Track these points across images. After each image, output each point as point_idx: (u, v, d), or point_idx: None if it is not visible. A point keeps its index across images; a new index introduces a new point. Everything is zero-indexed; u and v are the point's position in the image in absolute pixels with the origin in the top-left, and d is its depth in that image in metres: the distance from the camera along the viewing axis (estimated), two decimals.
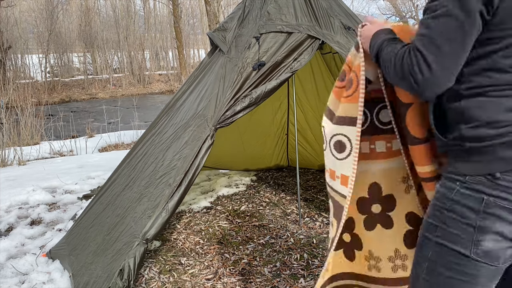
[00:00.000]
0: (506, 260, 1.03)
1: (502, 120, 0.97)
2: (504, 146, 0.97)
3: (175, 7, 17.60)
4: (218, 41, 2.67)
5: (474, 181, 1.02)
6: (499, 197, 0.99)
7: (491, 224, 1.01)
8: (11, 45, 16.76)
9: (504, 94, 0.97)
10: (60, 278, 2.40)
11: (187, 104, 2.59)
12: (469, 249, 1.03)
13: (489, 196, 1.00)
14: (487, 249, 1.02)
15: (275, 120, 4.21)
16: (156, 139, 2.57)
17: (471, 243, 1.03)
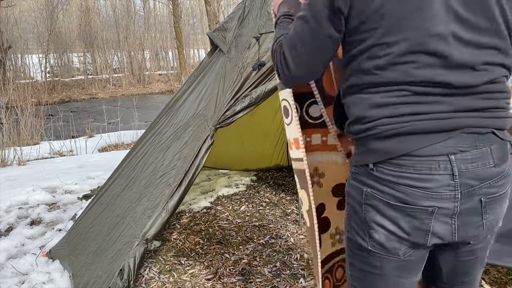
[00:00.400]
0: (407, 253, 1.04)
1: (369, 115, 1.02)
2: (373, 139, 1.02)
3: (175, 7, 17.61)
4: (218, 41, 2.66)
5: (358, 172, 1.07)
6: (375, 188, 1.02)
7: (373, 217, 1.03)
8: (11, 45, 16.76)
9: (369, 91, 1.02)
10: (60, 278, 2.40)
11: (187, 104, 2.59)
12: (366, 242, 1.06)
13: (367, 187, 1.03)
14: (380, 242, 1.04)
15: (275, 120, 4.21)
16: (156, 139, 2.57)
17: (366, 236, 1.06)
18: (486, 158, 0.99)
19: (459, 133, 0.97)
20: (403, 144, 0.98)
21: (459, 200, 0.98)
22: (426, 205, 0.98)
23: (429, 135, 0.97)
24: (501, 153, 1.02)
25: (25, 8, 20.22)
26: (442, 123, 0.97)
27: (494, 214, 1.05)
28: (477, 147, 0.98)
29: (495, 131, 1.01)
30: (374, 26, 0.97)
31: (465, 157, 0.97)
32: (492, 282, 2.25)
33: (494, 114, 1.01)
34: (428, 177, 0.97)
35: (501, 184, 1.02)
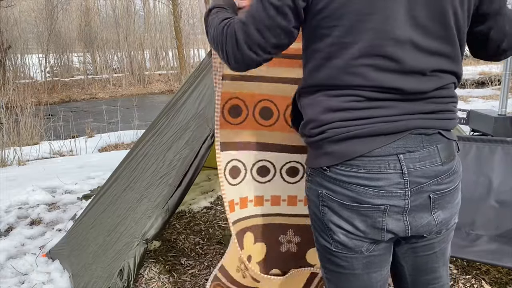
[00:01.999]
0: (370, 249, 1.07)
1: (323, 119, 1.03)
2: (327, 142, 1.03)
3: (175, 7, 17.61)
4: None
5: (313, 173, 1.09)
6: (330, 189, 1.04)
7: (330, 218, 1.06)
8: (11, 45, 16.75)
9: (325, 94, 1.03)
10: (60, 278, 2.40)
11: (187, 104, 2.59)
12: (330, 243, 1.09)
13: (323, 188, 1.06)
14: (342, 242, 1.06)
15: None
16: (157, 140, 2.57)
17: (329, 238, 1.09)
18: (433, 156, 1.04)
19: (407, 134, 1.01)
20: (357, 146, 1.01)
21: (409, 198, 1.02)
22: (378, 203, 1.01)
23: (379, 137, 1.01)
24: (448, 152, 1.07)
25: (25, 8, 20.20)
26: (392, 126, 1.00)
27: (444, 209, 1.08)
28: (424, 147, 1.03)
29: (441, 131, 1.05)
30: (334, 23, 0.97)
31: (413, 156, 1.01)
32: (492, 282, 2.25)
33: (441, 116, 1.06)
34: (379, 176, 1.00)
35: (450, 181, 1.07)
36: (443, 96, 1.05)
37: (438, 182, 1.04)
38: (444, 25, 0.99)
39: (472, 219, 2.19)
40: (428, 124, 1.03)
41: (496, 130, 3.93)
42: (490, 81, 13.56)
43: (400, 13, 0.95)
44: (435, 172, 1.04)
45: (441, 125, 1.06)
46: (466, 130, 3.96)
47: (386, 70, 0.98)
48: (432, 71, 1.01)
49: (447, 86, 1.06)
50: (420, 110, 1.02)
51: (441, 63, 1.02)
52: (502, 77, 4.18)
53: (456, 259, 2.43)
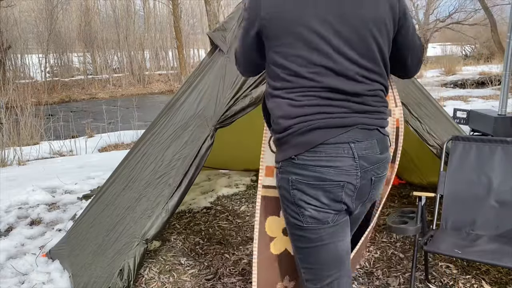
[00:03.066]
0: (334, 219, 1.32)
1: (288, 116, 1.29)
2: (294, 136, 1.28)
3: (175, 7, 17.60)
4: (218, 41, 2.66)
5: (283, 165, 1.32)
6: (298, 174, 1.28)
7: (301, 197, 1.30)
8: (11, 45, 16.74)
9: (287, 95, 1.29)
10: (60, 278, 2.40)
11: (186, 104, 2.59)
12: (301, 221, 1.32)
13: (292, 175, 1.29)
14: (312, 215, 1.30)
15: None
16: (155, 139, 2.57)
17: (300, 216, 1.32)
18: (374, 147, 1.32)
19: (355, 128, 1.28)
20: (317, 136, 1.26)
21: (360, 177, 1.29)
22: (339, 179, 1.27)
23: (334, 129, 1.27)
24: (383, 145, 1.36)
25: (25, 8, 20.19)
26: (344, 121, 1.28)
27: (376, 190, 1.38)
28: (367, 139, 1.30)
29: (379, 128, 1.34)
30: (283, 41, 1.28)
31: (360, 145, 1.29)
32: (492, 282, 2.25)
33: (378, 116, 1.34)
34: (337, 159, 1.26)
35: (384, 168, 1.37)
36: (377, 100, 1.34)
37: (377, 167, 1.33)
38: (367, 48, 1.28)
39: (472, 219, 2.19)
40: (370, 122, 1.32)
41: (496, 130, 3.93)
42: (490, 81, 13.55)
43: (327, 38, 1.26)
44: (376, 159, 1.32)
45: (379, 123, 1.35)
46: (466, 130, 3.96)
47: (328, 75, 1.26)
48: (361, 77, 1.28)
49: (377, 92, 1.34)
50: (361, 109, 1.30)
51: (368, 73, 1.29)
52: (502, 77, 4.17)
53: (456, 259, 2.43)
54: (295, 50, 1.26)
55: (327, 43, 1.25)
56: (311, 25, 1.25)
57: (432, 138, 2.47)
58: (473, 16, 23.47)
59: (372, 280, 2.30)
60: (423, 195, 2.12)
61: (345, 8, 1.26)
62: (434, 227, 2.24)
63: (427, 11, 24.85)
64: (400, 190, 3.62)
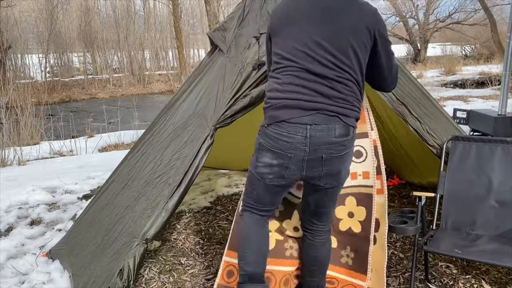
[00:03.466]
0: (272, 180, 1.77)
1: (268, 94, 1.76)
2: (270, 109, 1.72)
3: (175, 7, 17.60)
4: (218, 41, 2.66)
5: (260, 130, 1.78)
6: (265, 140, 1.74)
7: (261, 157, 1.77)
8: (11, 45, 16.74)
9: (274, 75, 1.76)
10: (60, 278, 2.40)
11: (186, 103, 2.59)
12: (254, 173, 1.81)
13: (262, 139, 1.76)
14: (260, 172, 1.78)
15: None
16: (155, 139, 2.57)
17: (254, 169, 1.81)
18: (330, 131, 1.66)
19: (316, 113, 1.65)
20: (284, 114, 1.67)
21: (308, 153, 1.68)
22: (289, 152, 1.68)
23: (298, 110, 1.65)
24: (342, 131, 1.68)
25: (25, 8, 20.18)
26: (308, 105, 1.65)
27: (331, 166, 1.71)
28: (326, 124, 1.65)
29: (339, 116, 1.66)
30: (274, 40, 1.77)
31: (316, 128, 1.65)
32: (492, 282, 2.25)
33: (342, 104, 1.67)
34: (292, 135, 1.66)
35: (337, 150, 1.68)
36: (345, 88, 1.67)
37: (329, 147, 1.67)
38: (342, 45, 1.65)
39: (472, 219, 2.19)
40: (332, 109, 1.65)
41: (496, 130, 3.92)
42: (490, 81, 13.55)
43: (310, 41, 1.68)
44: (328, 141, 1.66)
45: (341, 111, 1.66)
46: (466, 130, 3.96)
47: (300, 70, 1.68)
48: (333, 64, 1.64)
49: (346, 82, 1.66)
50: (331, 95, 1.65)
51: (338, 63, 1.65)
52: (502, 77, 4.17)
53: (456, 259, 2.43)
54: (286, 42, 1.71)
55: (311, 38, 1.66)
56: (302, 26, 1.68)
57: (432, 138, 2.47)
58: (473, 16, 23.50)
59: None
60: (423, 195, 2.12)
61: (331, 17, 1.66)
62: (434, 227, 2.24)
63: (427, 11, 24.86)
64: (400, 190, 3.62)
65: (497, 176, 2.21)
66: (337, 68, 1.64)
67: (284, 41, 1.71)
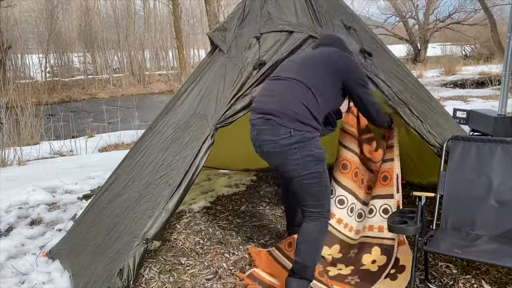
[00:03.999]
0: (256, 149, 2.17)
1: None
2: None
3: (175, 7, 17.60)
4: (218, 41, 2.66)
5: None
6: (251, 130, 2.18)
7: (252, 141, 2.18)
8: (11, 45, 16.74)
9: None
10: (60, 278, 2.40)
11: (186, 104, 2.59)
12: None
13: (251, 130, 2.18)
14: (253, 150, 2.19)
15: None
16: (155, 139, 2.57)
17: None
18: (266, 131, 2.05)
19: (261, 117, 2.07)
20: (251, 115, 2.16)
21: (258, 148, 2.12)
22: (252, 142, 2.15)
23: (254, 114, 2.13)
24: (276, 131, 2.02)
25: (25, 8, 20.18)
26: (260, 109, 2.10)
27: (274, 161, 2.12)
28: (264, 124, 2.06)
29: (273, 118, 2.02)
30: None
31: (258, 127, 2.09)
32: (492, 282, 2.25)
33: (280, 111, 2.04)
34: (251, 131, 2.15)
35: (274, 146, 2.04)
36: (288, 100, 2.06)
37: (265, 144, 2.06)
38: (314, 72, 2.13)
39: (472, 219, 2.19)
40: (270, 113, 2.05)
41: (495, 130, 3.92)
42: (490, 81, 13.55)
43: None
44: (265, 139, 2.05)
45: (274, 114, 2.03)
46: (466, 130, 3.95)
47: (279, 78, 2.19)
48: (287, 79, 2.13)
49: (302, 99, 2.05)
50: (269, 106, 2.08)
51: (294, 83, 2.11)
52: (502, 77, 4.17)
53: (456, 259, 2.43)
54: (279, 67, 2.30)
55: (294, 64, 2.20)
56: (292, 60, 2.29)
57: (433, 137, 2.46)
58: (473, 16, 23.48)
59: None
60: (423, 195, 2.12)
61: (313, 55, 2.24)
62: (434, 227, 2.24)
63: (427, 11, 24.85)
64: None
65: (497, 176, 2.21)
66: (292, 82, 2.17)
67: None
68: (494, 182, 2.21)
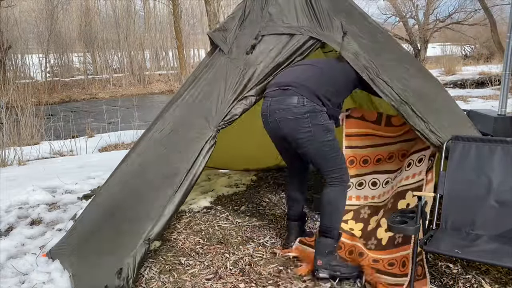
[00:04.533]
0: (275, 142, 2.48)
1: None
2: None
3: (175, 7, 17.61)
4: (218, 41, 2.66)
5: None
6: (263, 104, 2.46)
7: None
8: (11, 45, 16.75)
9: None
10: (60, 278, 2.40)
11: (188, 105, 2.59)
12: None
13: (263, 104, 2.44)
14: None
15: None
16: (157, 140, 2.57)
17: None
18: (280, 100, 2.26)
19: (277, 88, 2.31)
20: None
21: (269, 117, 2.29)
22: (263, 119, 2.36)
23: (269, 88, 2.39)
24: (290, 99, 2.23)
25: (25, 8, 20.18)
26: (275, 84, 2.37)
27: (286, 128, 2.26)
28: (279, 95, 2.27)
29: (290, 88, 2.25)
30: None
31: (274, 98, 2.29)
32: (492, 282, 2.25)
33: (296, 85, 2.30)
34: (263, 108, 2.35)
35: (286, 114, 2.23)
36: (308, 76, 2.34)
37: (278, 113, 2.25)
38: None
39: (472, 219, 2.19)
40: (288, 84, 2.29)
41: (495, 130, 3.92)
42: (489, 81, 13.56)
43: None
44: (279, 107, 2.25)
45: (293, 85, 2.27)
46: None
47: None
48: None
49: (320, 78, 2.34)
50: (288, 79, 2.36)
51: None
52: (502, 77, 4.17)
53: (456, 259, 2.43)
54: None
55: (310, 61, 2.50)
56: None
57: (435, 136, 2.41)
58: (473, 16, 23.48)
59: None
60: (423, 195, 2.12)
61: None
62: (434, 227, 2.24)
63: (427, 11, 24.84)
64: None
65: (497, 176, 2.21)
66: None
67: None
68: (494, 182, 2.21)
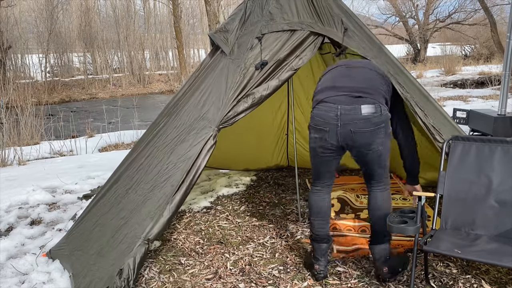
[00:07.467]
0: (322, 152, 2.22)
1: None
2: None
3: (175, 7, 17.61)
4: (220, 42, 2.66)
5: None
6: (311, 121, 2.24)
7: (310, 134, 2.24)
8: (11, 45, 16.75)
9: None
10: (60, 278, 2.40)
11: (189, 106, 2.59)
12: (309, 147, 2.29)
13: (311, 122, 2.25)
14: (312, 146, 2.25)
15: (275, 120, 4.21)
16: (159, 142, 2.57)
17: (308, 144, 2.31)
18: (356, 109, 2.09)
19: (343, 94, 2.16)
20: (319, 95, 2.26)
21: (339, 127, 2.12)
22: (324, 127, 2.15)
23: (330, 92, 2.22)
24: (368, 108, 2.09)
25: (25, 8, 20.17)
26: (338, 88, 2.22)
27: (361, 139, 2.11)
28: (353, 103, 2.11)
29: (363, 95, 2.13)
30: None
31: (345, 107, 2.11)
32: (492, 282, 2.25)
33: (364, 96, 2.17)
34: (325, 114, 2.15)
35: (365, 126, 2.09)
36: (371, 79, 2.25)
37: (355, 123, 2.09)
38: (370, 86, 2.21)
39: (472, 219, 2.19)
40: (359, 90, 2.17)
41: (495, 130, 3.93)
42: (489, 81, 13.55)
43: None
44: (356, 117, 2.09)
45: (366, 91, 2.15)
46: (466, 130, 3.96)
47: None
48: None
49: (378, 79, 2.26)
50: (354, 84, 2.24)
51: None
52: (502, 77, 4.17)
53: (456, 259, 2.43)
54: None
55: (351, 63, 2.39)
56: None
57: (438, 133, 2.45)
58: (473, 16, 23.48)
59: (372, 279, 2.31)
60: (423, 195, 2.12)
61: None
62: (434, 227, 2.24)
63: (427, 11, 24.85)
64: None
65: (497, 176, 2.21)
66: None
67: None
68: (494, 182, 2.21)
